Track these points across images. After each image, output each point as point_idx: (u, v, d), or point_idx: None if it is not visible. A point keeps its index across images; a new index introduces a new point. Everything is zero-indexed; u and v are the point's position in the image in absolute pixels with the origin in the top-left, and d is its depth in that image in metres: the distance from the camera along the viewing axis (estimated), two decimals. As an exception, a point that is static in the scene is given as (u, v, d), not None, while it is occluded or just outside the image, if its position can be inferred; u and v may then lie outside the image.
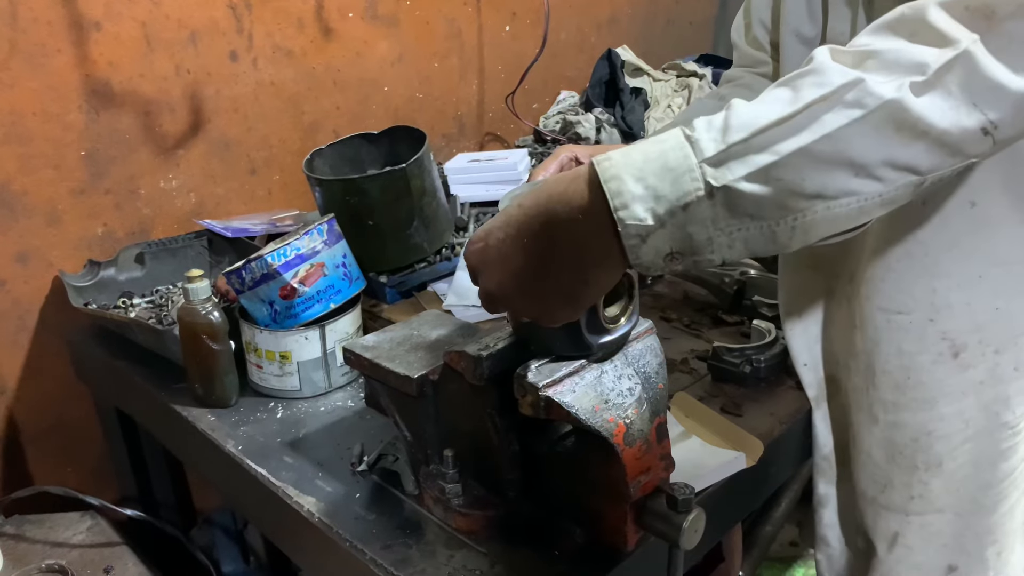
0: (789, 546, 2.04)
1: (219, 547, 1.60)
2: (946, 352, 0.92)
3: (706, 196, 0.59)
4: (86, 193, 1.46)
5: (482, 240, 0.69)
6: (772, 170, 0.58)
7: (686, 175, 0.59)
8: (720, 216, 0.59)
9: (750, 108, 0.60)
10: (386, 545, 0.89)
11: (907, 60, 0.57)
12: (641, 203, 0.60)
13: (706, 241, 0.60)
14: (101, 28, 1.42)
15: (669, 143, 0.61)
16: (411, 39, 1.91)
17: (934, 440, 0.95)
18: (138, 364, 1.29)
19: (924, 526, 0.99)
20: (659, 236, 0.60)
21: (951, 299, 0.89)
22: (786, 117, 0.58)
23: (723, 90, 1.12)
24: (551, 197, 0.64)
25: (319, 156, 1.49)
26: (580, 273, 0.65)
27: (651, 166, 0.60)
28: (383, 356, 0.94)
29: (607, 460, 0.77)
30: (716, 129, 0.60)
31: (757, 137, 0.58)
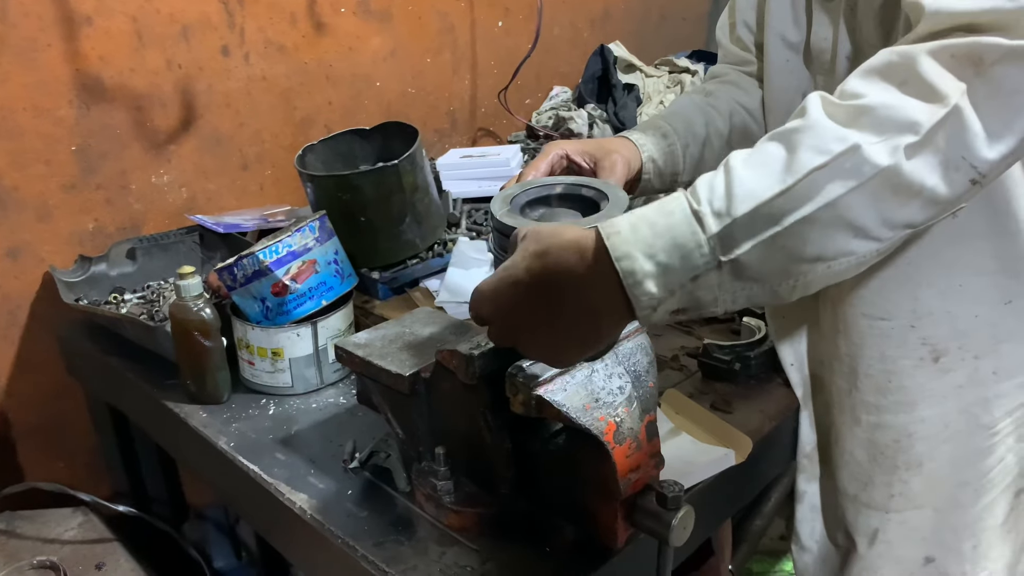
0: (779, 540, 2.05)
1: (211, 542, 1.61)
2: (927, 357, 0.93)
3: (714, 268, 0.61)
4: (77, 188, 1.46)
5: (491, 301, 0.68)
6: (776, 239, 0.60)
7: (695, 251, 0.61)
8: (726, 281, 0.62)
9: (751, 175, 0.61)
10: (378, 542, 0.89)
11: (900, 118, 0.59)
12: (653, 280, 0.61)
13: (712, 300, 0.63)
14: (92, 23, 1.41)
15: (677, 216, 0.62)
16: (404, 34, 1.90)
17: (915, 441, 0.97)
18: (130, 360, 1.29)
19: (903, 522, 1.00)
20: (669, 302, 0.63)
21: (932, 307, 0.91)
22: (788, 188, 0.59)
23: (709, 85, 1.12)
24: (560, 270, 0.64)
25: (311, 152, 1.49)
26: (595, 332, 0.67)
27: (660, 242, 0.61)
28: (375, 354, 0.94)
29: (597, 458, 0.77)
30: (720, 199, 0.61)
31: (761, 208, 0.60)
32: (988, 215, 0.86)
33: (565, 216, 0.79)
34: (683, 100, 1.10)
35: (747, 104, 1.08)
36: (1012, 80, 0.58)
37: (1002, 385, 0.93)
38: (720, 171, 0.63)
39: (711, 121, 1.04)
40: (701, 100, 1.07)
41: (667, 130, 1.01)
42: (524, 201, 0.81)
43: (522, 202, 0.80)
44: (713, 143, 1.04)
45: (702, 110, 1.05)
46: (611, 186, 0.80)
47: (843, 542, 1.08)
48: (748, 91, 1.09)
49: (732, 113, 1.06)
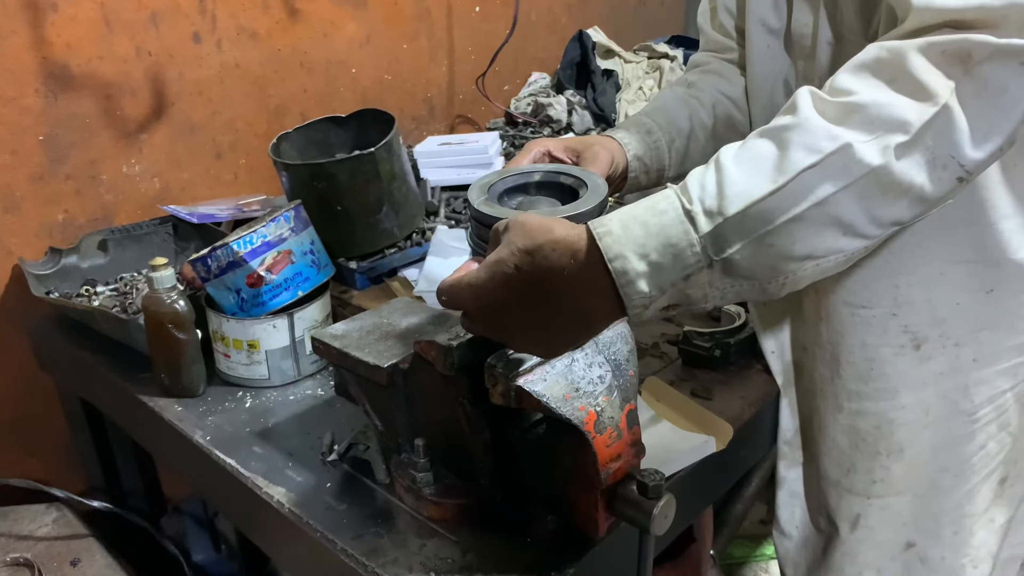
0: (759, 524, 2.07)
1: (189, 536, 1.59)
2: (908, 345, 0.94)
3: (706, 267, 0.62)
4: (45, 179, 1.42)
5: (478, 297, 0.68)
6: (766, 238, 0.61)
7: (687, 250, 0.62)
8: (716, 279, 0.63)
9: (741, 173, 0.62)
10: (357, 535, 0.88)
11: (890, 117, 0.59)
12: (645, 279, 0.62)
13: (701, 297, 0.64)
14: (57, 9, 1.38)
15: (669, 216, 0.62)
16: (379, 20, 1.88)
17: (896, 428, 0.97)
18: (102, 354, 1.27)
19: (885, 508, 1.01)
20: (660, 301, 0.64)
21: (913, 295, 0.91)
22: (779, 188, 0.60)
23: (691, 76, 1.12)
24: (552, 269, 0.64)
25: (286, 140, 1.47)
26: (585, 329, 0.68)
27: (652, 242, 0.62)
28: (352, 345, 0.93)
29: (578, 448, 0.77)
30: (711, 198, 0.62)
31: (752, 208, 0.60)
32: (968, 204, 0.86)
33: (544, 204, 0.78)
34: (666, 94, 1.09)
35: (730, 93, 1.07)
36: (999, 78, 0.58)
37: (982, 372, 0.94)
38: (711, 168, 0.63)
39: (695, 114, 1.03)
40: (684, 92, 1.07)
41: (651, 126, 1.00)
42: (502, 189, 0.79)
43: (500, 190, 0.79)
44: (698, 136, 1.03)
45: (685, 103, 1.04)
46: (589, 174, 0.80)
47: (825, 527, 1.08)
48: (731, 80, 1.08)
49: (716, 104, 1.05)
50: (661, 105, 1.05)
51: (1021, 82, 0.59)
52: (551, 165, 0.84)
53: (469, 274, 0.68)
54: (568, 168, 0.81)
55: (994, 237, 0.87)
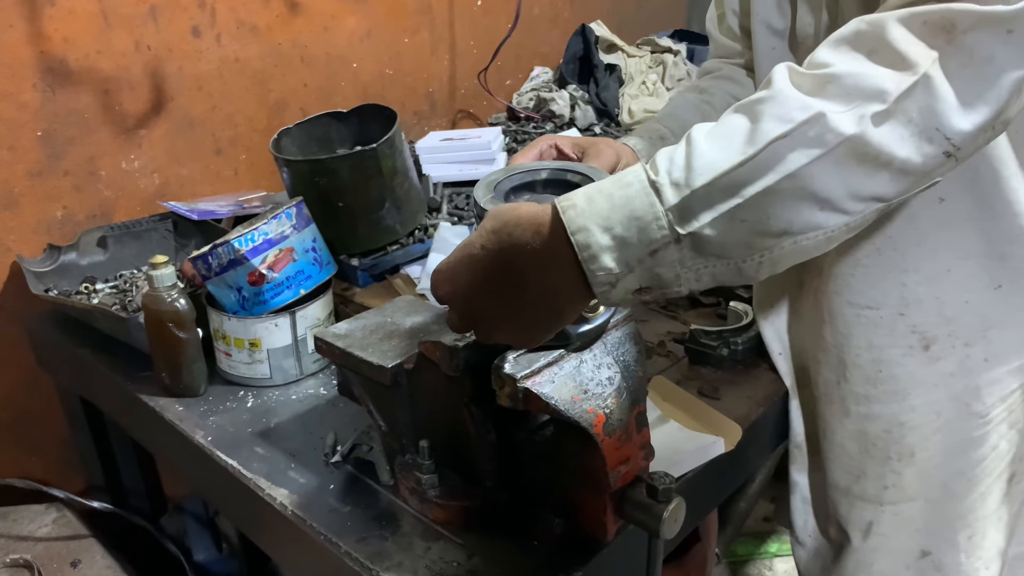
0: (763, 522, 2.06)
1: (190, 535, 1.57)
2: (916, 345, 0.92)
3: (673, 242, 0.59)
4: (44, 175, 1.41)
5: (449, 281, 0.67)
6: (736, 212, 0.58)
7: (652, 223, 0.59)
8: (687, 257, 0.60)
9: (711, 146, 0.59)
10: (361, 537, 0.87)
11: (867, 86, 0.57)
12: (609, 253, 0.60)
13: (674, 278, 0.61)
14: (55, 2, 1.36)
15: (634, 188, 0.60)
16: (380, 13, 1.86)
17: (906, 431, 0.96)
18: (102, 352, 1.26)
19: (898, 514, 1.00)
20: (628, 279, 0.61)
21: (920, 293, 0.90)
22: (748, 159, 0.57)
23: (703, 82, 1.10)
24: (516, 246, 0.62)
25: (287, 135, 1.45)
26: (554, 310, 0.65)
27: (617, 214, 0.60)
28: (356, 344, 0.91)
29: (586, 450, 0.75)
30: (679, 170, 0.59)
31: (720, 180, 0.58)
32: (975, 197, 0.84)
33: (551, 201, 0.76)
34: (678, 100, 1.08)
35: (742, 98, 1.05)
36: (984, 47, 0.56)
37: (993, 372, 0.92)
38: (682, 144, 0.61)
39: (707, 119, 1.00)
40: (695, 98, 1.05)
41: (664, 132, 0.98)
42: (508, 187, 0.78)
43: (506, 188, 0.78)
44: None
45: (697, 108, 1.02)
46: (597, 171, 0.78)
47: (836, 535, 1.07)
48: (743, 84, 1.07)
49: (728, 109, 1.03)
50: (673, 111, 1.03)
51: (1007, 50, 0.56)
52: (558, 163, 0.82)
53: (440, 263, 0.67)
54: (575, 166, 0.80)
55: (1003, 231, 0.86)
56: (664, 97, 2.10)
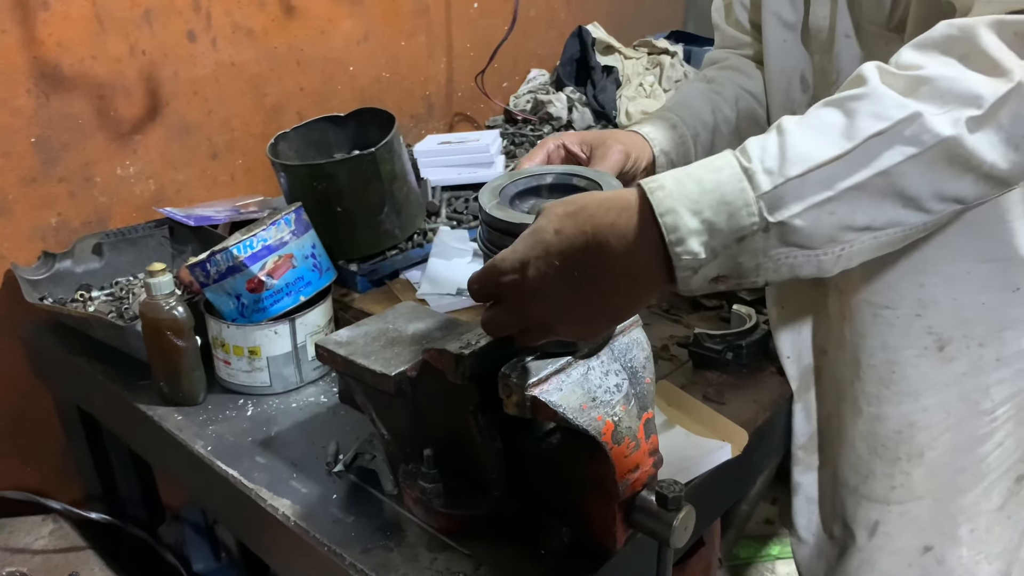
0: (765, 524, 2.05)
1: (189, 544, 1.56)
2: (931, 346, 0.92)
3: (761, 230, 0.59)
4: (38, 181, 1.39)
5: (516, 272, 0.62)
6: (826, 205, 0.58)
7: (743, 210, 0.58)
8: (771, 246, 0.59)
9: (806, 138, 0.59)
10: (366, 548, 0.86)
11: (962, 91, 0.57)
12: (696, 237, 0.59)
13: (754, 268, 0.60)
14: (49, 7, 1.34)
15: (725, 173, 0.59)
16: (377, 16, 1.85)
17: (916, 431, 0.95)
18: (99, 361, 1.24)
19: (904, 514, 1.00)
20: (710, 266, 0.60)
21: (938, 295, 0.90)
22: (844, 153, 0.58)
23: (710, 72, 1.09)
24: (600, 227, 0.60)
25: (284, 140, 1.43)
26: (630, 299, 0.63)
27: (707, 199, 0.59)
28: (358, 352, 0.90)
29: (595, 458, 0.74)
30: (772, 158, 0.59)
31: (814, 173, 0.58)
32: (997, 200, 0.84)
33: (558, 207, 0.75)
34: (687, 90, 1.06)
35: (751, 88, 1.04)
36: None
37: (1003, 371, 0.92)
38: (772, 133, 0.61)
39: (717, 108, 1.00)
40: (705, 88, 1.04)
41: (675, 121, 0.97)
42: (513, 192, 0.77)
43: (511, 193, 0.77)
44: (722, 130, 1.00)
45: (707, 98, 1.01)
46: (603, 175, 0.77)
47: (840, 534, 1.06)
48: (750, 75, 1.06)
49: (737, 98, 1.02)
50: (683, 100, 1.02)
51: None
52: (564, 167, 0.81)
53: (501, 254, 0.63)
54: (581, 170, 0.78)
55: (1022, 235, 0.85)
56: (662, 99, 2.09)
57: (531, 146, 1.86)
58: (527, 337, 0.66)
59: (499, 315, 0.66)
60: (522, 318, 0.65)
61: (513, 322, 0.66)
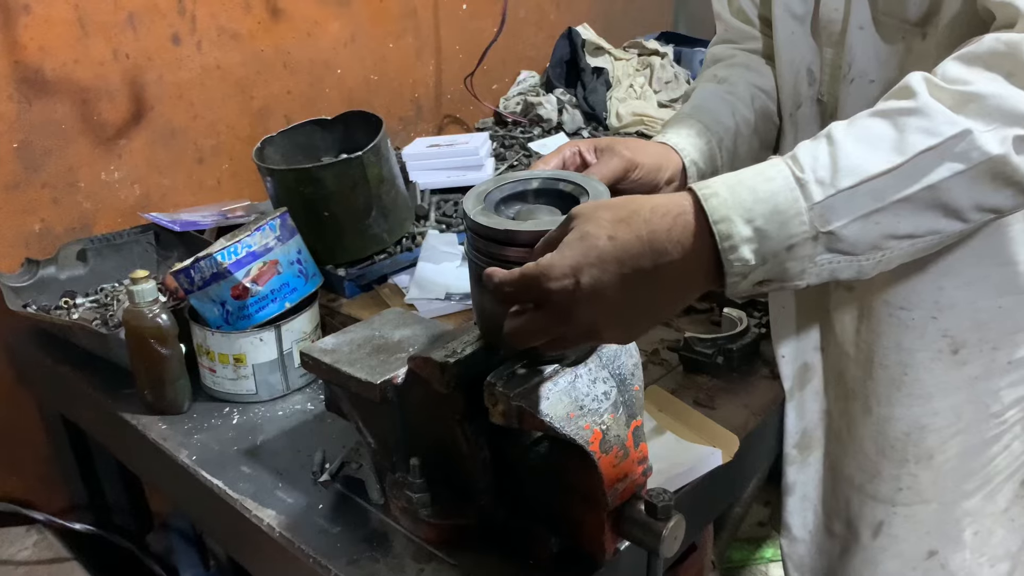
0: (757, 527, 2.04)
1: (177, 552, 1.54)
2: (945, 349, 0.91)
3: (811, 239, 0.61)
4: (20, 187, 1.37)
5: (568, 278, 0.61)
6: (873, 216, 0.61)
7: (794, 219, 0.60)
8: (818, 253, 0.62)
9: (857, 150, 0.61)
10: (352, 560, 0.85)
11: (1009, 109, 0.59)
12: (748, 245, 0.60)
13: (799, 272, 0.62)
14: (30, 11, 1.33)
15: (778, 183, 0.61)
16: (364, 18, 1.83)
17: (926, 434, 0.94)
18: (83, 369, 1.22)
19: (910, 516, 0.99)
20: (758, 272, 0.62)
21: (956, 298, 0.89)
22: (894, 167, 0.60)
23: (721, 72, 1.04)
24: (656, 233, 0.61)
25: (270, 144, 1.42)
26: (680, 301, 0.65)
27: (760, 207, 0.60)
28: (343, 360, 0.89)
29: (583, 468, 0.73)
30: (824, 168, 0.61)
31: (865, 185, 0.60)
32: None
33: (543, 213, 0.74)
34: (703, 92, 1.02)
35: (763, 85, 1.02)
36: None
37: (1013, 375, 0.92)
38: (822, 141, 0.62)
39: (736, 110, 0.98)
40: (719, 89, 1.01)
41: (700, 128, 0.95)
42: (499, 198, 0.76)
43: (496, 198, 0.75)
44: (743, 132, 0.98)
45: (724, 100, 0.99)
46: (590, 180, 0.76)
47: (841, 532, 1.06)
48: (760, 71, 1.03)
49: (753, 98, 1.00)
50: (703, 104, 0.99)
51: None
52: (550, 172, 0.80)
53: (545, 259, 0.62)
54: (567, 175, 0.77)
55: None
56: (652, 100, 2.08)
57: (521, 148, 1.85)
58: (559, 344, 0.66)
59: (537, 322, 0.64)
60: (564, 324, 0.63)
61: (553, 329, 0.64)
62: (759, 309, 1.24)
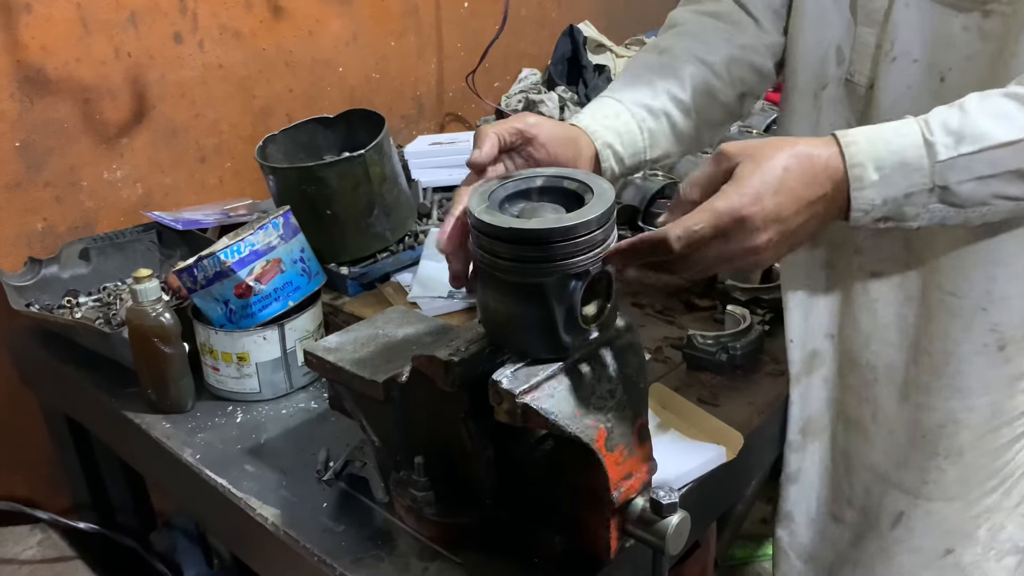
0: (760, 524, 2.04)
1: (181, 551, 1.54)
2: (992, 344, 0.89)
3: (928, 190, 0.71)
4: (23, 187, 1.37)
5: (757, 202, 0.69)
6: (986, 179, 0.70)
7: (917, 172, 0.70)
8: (932, 201, 0.72)
9: (984, 122, 0.70)
10: (356, 558, 0.85)
11: None
12: (874, 188, 0.71)
13: (914, 215, 0.73)
14: (32, 10, 1.33)
15: (910, 139, 0.71)
16: (366, 17, 1.83)
17: (960, 429, 0.93)
18: (86, 368, 1.22)
19: (932, 512, 0.97)
20: (879, 211, 0.72)
21: (1008, 290, 0.87)
22: (1013, 141, 0.69)
23: (664, 41, 1.02)
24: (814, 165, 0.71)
25: (272, 142, 1.42)
26: (817, 230, 0.74)
27: (891, 159, 0.71)
28: (347, 359, 0.89)
29: (588, 466, 0.73)
30: (952, 134, 0.70)
31: (984, 153, 0.69)
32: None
33: (548, 210, 0.74)
34: (636, 66, 1.00)
35: (707, 58, 0.98)
36: None
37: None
38: (955, 109, 0.71)
39: (667, 87, 0.95)
40: (655, 62, 0.98)
41: (619, 109, 0.93)
42: (502, 196, 0.75)
43: (500, 197, 0.75)
44: (671, 111, 0.95)
45: (657, 75, 0.96)
46: (594, 177, 0.76)
47: (853, 519, 1.05)
48: (710, 44, 0.99)
49: (692, 74, 0.97)
50: (629, 82, 0.97)
51: None
52: (553, 169, 0.80)
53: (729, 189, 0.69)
54: (571, 172, 0.77)
55: None
56: (654, 97, 2.08)
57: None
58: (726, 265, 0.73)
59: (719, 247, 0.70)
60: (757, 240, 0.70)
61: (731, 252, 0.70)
62: (762, 307, 1.24)
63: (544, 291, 0.70)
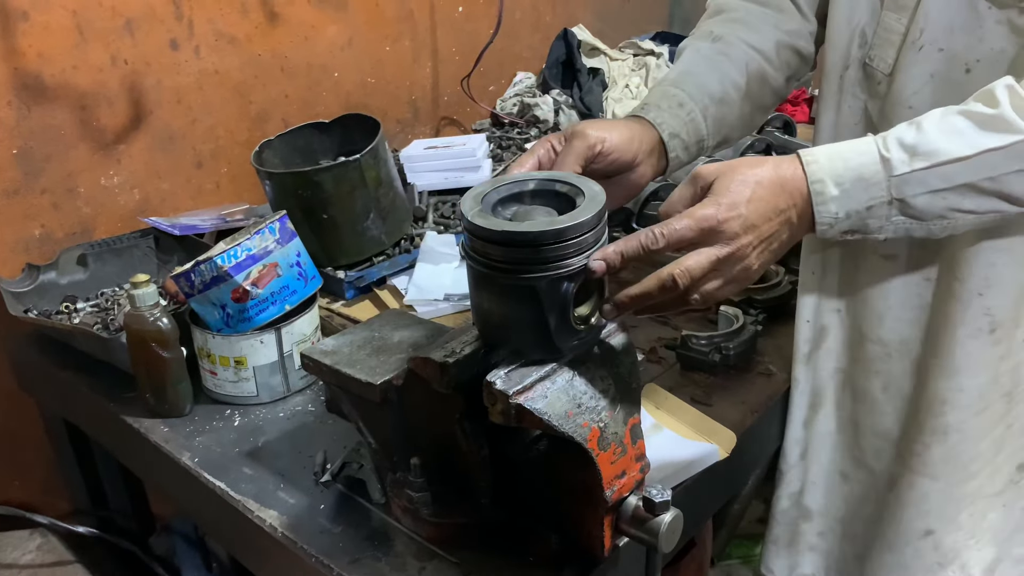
0: (757, 523, 2.05)
1: (180, 554, 1.55)
2: (984, 328, 0.91)
3: (887, 203, 0.77)
4: (20, 193, 1.38)
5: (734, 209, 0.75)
6: (941, 192, 0.76)
7: (876, 186, 0.76)
8: (893, 214, 0.77)
9: (938, 139, 0.75)
10: (354, 559, 0.86)
11: None
12: (835, 202, 0.77)
13: (877, 228, 0.78)
14: (28, 18, 1.33)
15: (867, 157, 0.76)
16: (361, 22, 1.84)
17: (948, 409, 0.95)
18: (85, 373, 1.23)
19: (913, 487, 1.00)
20: (843, 223, 0.78)
21: (1005, 276, 0.89)
22: (964, 157, 0.74)
23: (716, 28, 1.02)
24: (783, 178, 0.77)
25: (268, 148, 1.43)
26: (793, 236, 0.80)
27: (849, 175, 0.77)
28: (343, 361, 0.90)
29: (581, 465, 0.74)
30: (907, 150, 0.75)
31: (937, 168, 0.75)
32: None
33: (540, 213, 0.75)
34: (692, 55, 1.01)
35: (759, 46, 1.00)
36: None
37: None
38: (912, 127, 0.76)
39: (725, 74, 0.97)
40: (710, 50, 0.99)
41: (682, 98, 0.94)
42: (496, 199, 0.76)
43: (494, 200, 0.76)
44: (732, 98, 0.97)
45: (714, 64, 0.97)
46: (585, 180, 0.77)
47: (855, 474, 1.08)
48: (759, 30, 1.00)
49: (748, 61, 0.99)
50: (689, 69, 0.98)
51: None
52: (545, 172, 0.81)
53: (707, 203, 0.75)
54: (563, 175, 0.78)
55: None
56: (648, 100, 2.09)
57: (518, 149, 1.86)
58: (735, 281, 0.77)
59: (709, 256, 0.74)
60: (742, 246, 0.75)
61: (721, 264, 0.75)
62: (755, 307, 1.25)
63: (537, 293, 0.71)
